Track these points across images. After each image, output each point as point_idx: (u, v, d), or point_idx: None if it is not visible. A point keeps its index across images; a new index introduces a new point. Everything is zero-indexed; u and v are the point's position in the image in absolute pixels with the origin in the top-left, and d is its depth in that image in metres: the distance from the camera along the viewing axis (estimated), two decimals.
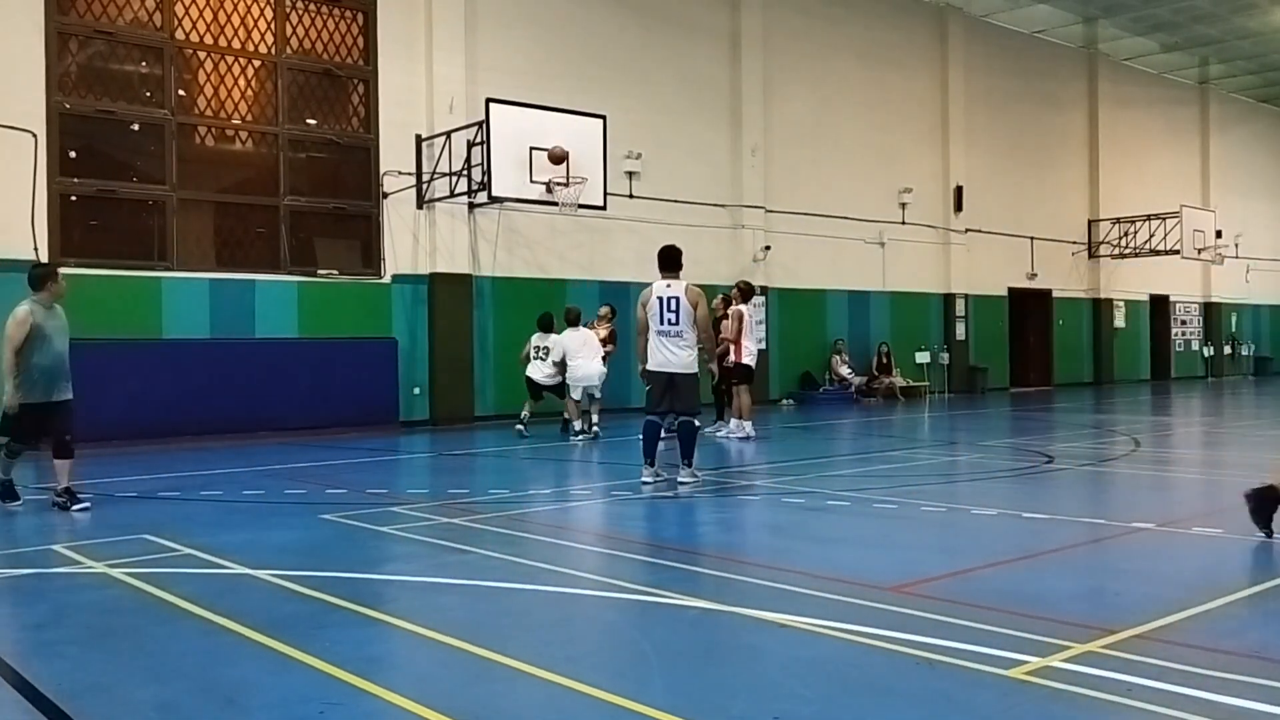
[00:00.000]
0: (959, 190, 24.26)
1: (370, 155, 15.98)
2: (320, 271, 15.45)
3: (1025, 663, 3.99)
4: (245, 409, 14.09)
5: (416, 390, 16.01)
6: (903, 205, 23.17)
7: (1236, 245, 31.08)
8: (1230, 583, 5.28)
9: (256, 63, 15.20)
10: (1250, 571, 5.55)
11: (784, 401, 20.86)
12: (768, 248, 20.43)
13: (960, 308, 24.45)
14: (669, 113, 19.21)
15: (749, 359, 13.71)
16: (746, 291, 14.09)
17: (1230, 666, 3.93)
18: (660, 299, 9.13)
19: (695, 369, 9.31)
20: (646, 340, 9.22)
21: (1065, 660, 4.03)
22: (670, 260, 9.32)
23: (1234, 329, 33.48)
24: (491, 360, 16.75)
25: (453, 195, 15.92)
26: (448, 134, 15.60)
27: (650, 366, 9.21)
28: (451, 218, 16.43)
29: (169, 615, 4.97)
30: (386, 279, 15.92)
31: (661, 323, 9.11)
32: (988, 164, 25.19)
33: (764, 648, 4.36)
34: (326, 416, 14.54)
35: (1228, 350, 32.98)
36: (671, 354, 9.13)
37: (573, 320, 14.15)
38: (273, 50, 15.27)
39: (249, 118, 15.20)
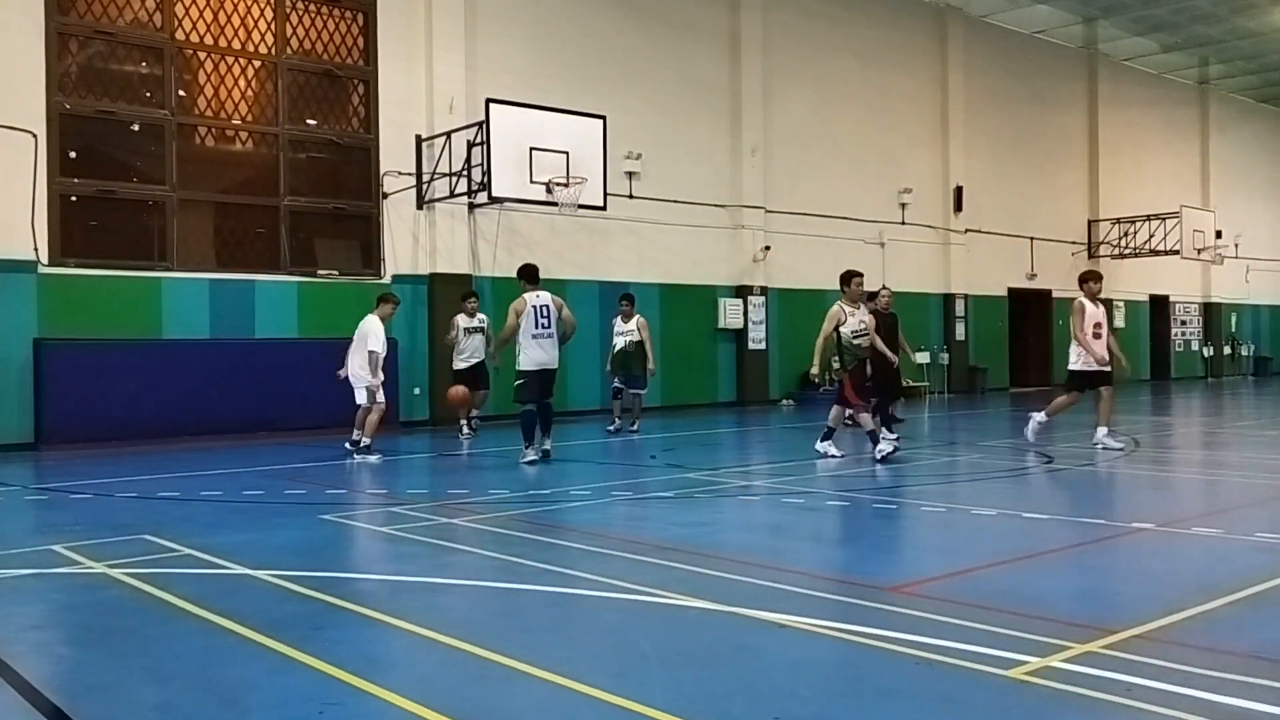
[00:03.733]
0: (959, 190, 24.26)
1: (370, 155, 15.99)
2: (320, 272, 15.46)
3: (1025, 663, 3.99)
4: (245, 409, 14.10)
5: (417, 390, 16.02)
6: (902, 205, 23.18)
7: (1236, 245, 31.08)
8: (1230, 583, 5.28)
9: (256, 63, 15.21)
10: (1250, 571, 5.55)
11: (784, 402, 20.87)
12: (767, 248, 20.44)
13: (960, 308, 24.46)
14: (669, 113, 19.21)
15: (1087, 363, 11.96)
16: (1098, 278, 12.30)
17: (1230, 666, 3.93)
18: (535, 308, 10.85)
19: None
20: (505, 342, 11.15)
21: (1065, 660, 4.03)
22: (535, 275, 11.26)
23: (1234, 329, 33.48)
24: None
25: (453, 195, 15.92)
26: (448, 134, 15.61)
27: (530, 366, 10.82)
28: (451, 218, 16.43)
29: (169, 616, 4.97)
30: (386, 279, 15.92)
31: (537, 327, 10.84)
32: (987, 164, 25.19)
33: (763, 648, 4.36)
34: (327, 417, 14.48)
35: (1227, 350, 32.99)
36: (548, 353, 10.92)
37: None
38: (273, 51, 15.27)
39: (249, 118, 15.21)
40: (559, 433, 14.03)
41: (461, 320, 14.01)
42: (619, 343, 14.30)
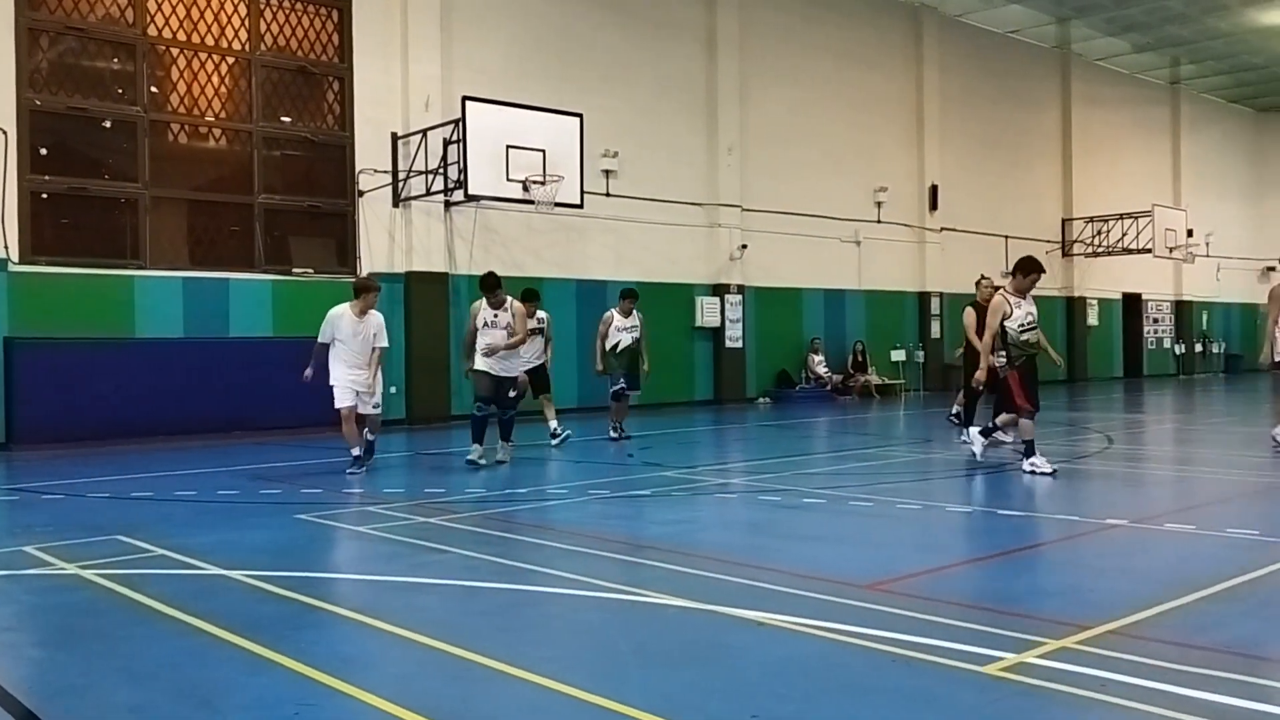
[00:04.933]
0: (934, 189, 24.38)
1: (345, 153, 15.90)
2: (295, 270, 15.37)
3: (1001, 659, 4.01)
4: (220, 409, 13.99)
5: (393, 389, 15.91)
6: (878, 204, 23.27)
7: (1207, 244, 31.42)
8: (1202, 578, 5.34)
9: (230, 59, 15.09)
10: (1221, 567, 5.61)
11: (761, 400, 20.92)
12: (744, 246, 20.47)
13: (935, 306, 24.59)
14: (646, 111, 19.21)
15: None
16: None
17: (1202, 661, 3.97)
18: None
19: None
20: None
21: (1040, 656, 4.06)
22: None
23: (1205, 327, 33.83)
24: None
25: (429, 193, 15.87)
26: (424, 132, 15.55)
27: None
28: (427, 216, 16.37)
29: (143, 617, 4.93)
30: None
31: None
32: (962, 163, 25.33)
33: (742, 646, 4.37)
34: (302, 416, 14.40)
35: (1199, 348, 33.34)
36: None
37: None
38: (246, 47, 15.15)
39: (222, 115, 15.09)
40: (537, 432, 14.03)
41: None
42: (625, 339, 13.07)
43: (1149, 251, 26.97)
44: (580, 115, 15.71)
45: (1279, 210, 35.83)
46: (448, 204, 16.39)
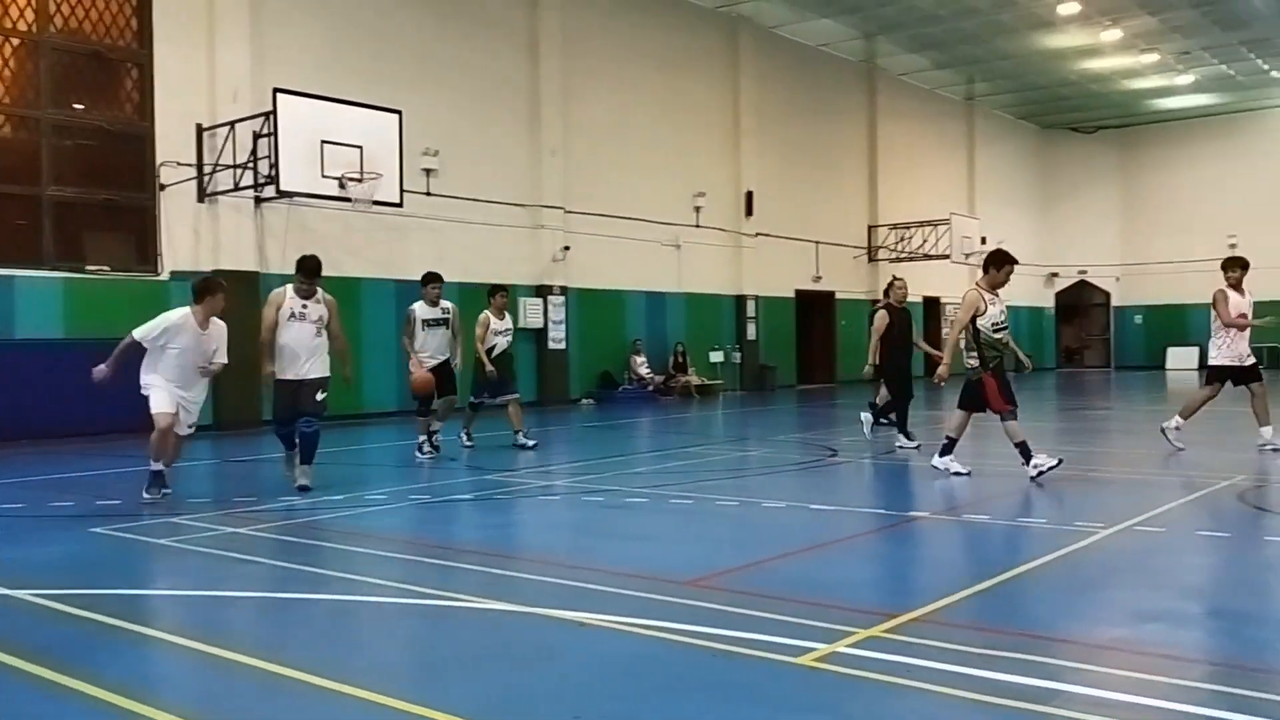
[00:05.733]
0: (749, 195, 25.06)
1: (145, 144, 15.04)
2: (89, 267, 14.43)
3: (815, 650, 4.15)
4: (3, 416, 13.00)
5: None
6: (697, 209, 23.74)
7: None
8: (997, 565, 5.68)
9: (15, 40, 14.04)
10: (1014, 554, 5.98)
11: (584, 401, 21.00)
12: (567, 248, 20.51)
13: (751, 308, 25.28)
14: (467, 111, 18.98)
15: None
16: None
17: (999, 644, 4.22)
18: None
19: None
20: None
21: (850, 645, 4.22)
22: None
23: None
24: None
25: (237, 189, 15.19)
26: (231, 124, 14.89)
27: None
28: (236, 213, 15.67)
29: None
30: (164, 276, 15.02)
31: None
32: (776, 170, 26.14)
33: (564, 647, 4.37)
34: (99, 423, 13.57)
35: None
36: None
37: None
38: (34, 28, 14.14)
39: (6, 100, 14.03)
40: (356, 435, 13.66)
41: (420, 310, 11.33)
42: (501, 343, 12.13)
43: (947, 257, 28.53)
44: (399, 112, 15.38)
45: (1061, 221, 38.64)
46: (258, 200, 15.74)
